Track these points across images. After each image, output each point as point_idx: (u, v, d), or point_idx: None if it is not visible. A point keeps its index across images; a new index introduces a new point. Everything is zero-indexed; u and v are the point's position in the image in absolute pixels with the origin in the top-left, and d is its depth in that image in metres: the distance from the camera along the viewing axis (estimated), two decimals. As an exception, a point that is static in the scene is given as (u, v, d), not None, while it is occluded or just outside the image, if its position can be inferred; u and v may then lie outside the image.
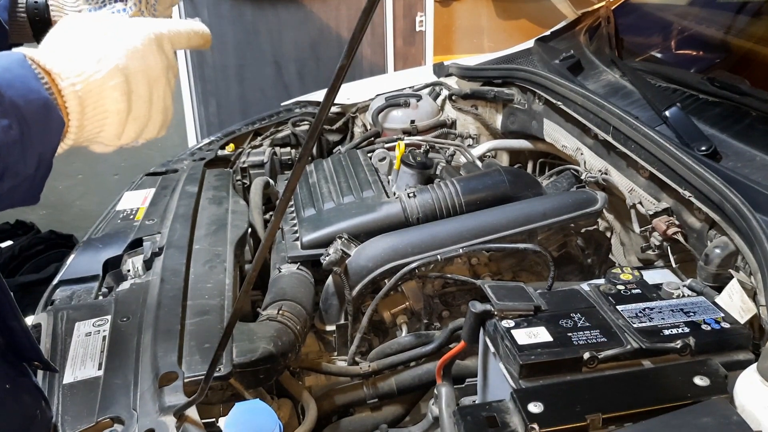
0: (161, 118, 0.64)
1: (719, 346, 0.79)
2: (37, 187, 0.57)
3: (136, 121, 0.62)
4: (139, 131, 0.63)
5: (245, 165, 1.70)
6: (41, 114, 0.54)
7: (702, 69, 1.52)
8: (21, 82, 0.53)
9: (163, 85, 0.63)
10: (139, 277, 1.17)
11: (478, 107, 1.81)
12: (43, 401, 0.77)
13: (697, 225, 1.06)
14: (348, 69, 0.50)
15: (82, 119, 0.57)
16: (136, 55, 0.60)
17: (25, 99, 0.52)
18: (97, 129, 0.59)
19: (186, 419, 0.81)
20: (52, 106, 0.54)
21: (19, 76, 0.53)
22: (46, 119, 0.54)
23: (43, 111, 0.54)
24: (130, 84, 0.59)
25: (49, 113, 0.54)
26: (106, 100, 0.58)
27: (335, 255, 1.17)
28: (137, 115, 0.61)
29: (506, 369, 0.79)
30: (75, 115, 0.56)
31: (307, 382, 1.11)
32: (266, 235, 0.61)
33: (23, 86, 0.53)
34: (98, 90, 0.57)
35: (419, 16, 3.46)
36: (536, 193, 1.35)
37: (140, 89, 0.61)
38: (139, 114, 0.61)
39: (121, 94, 0.59)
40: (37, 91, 0.53)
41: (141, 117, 0.62)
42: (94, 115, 0.58)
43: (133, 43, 0.60)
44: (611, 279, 0.93)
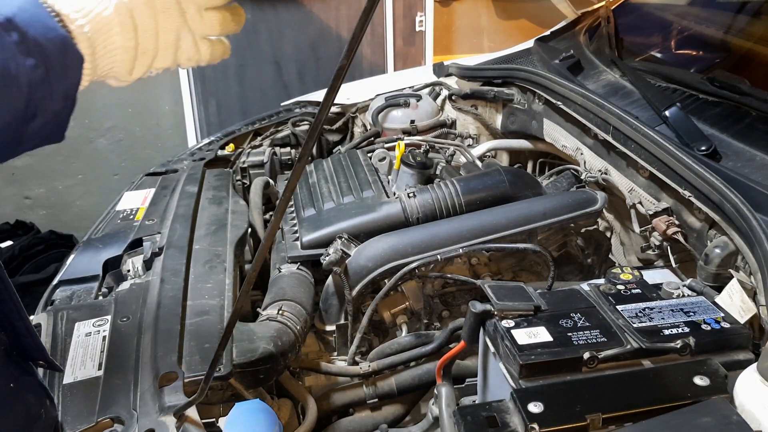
0: (172, 49, 0.64)
1: (719, 346, 0.79)
2: (63, 122, 0.59)
3: (145, 55, 0.62)
4: (149, 64, 0.64)
5: (245, 165, 1.70)
6: (62, 51, 0.55)
7: (702, 69, 1.52)
8: (39, 21, 0.54)
9: (171, 16, 0.63)
10: (139, 277, 1.17)
11: (478, 107, 1.81)
12: (48, 400, 0.77)
13: (697, 225, 1.06)
14: (348, 69, 0.50)
15: (94, 59, 0.58)
16: None
17: (46, 37, 0.54)
18: (109, 65, 0.60)
19: (186, 419, 0.81)
20: (70, 43, 0.56)
21: (36, 15, 0.54)
22: (67, 56, 0.56)
23: (63, 48, 0.55)
24: (135, 18, 0.60)
25: (68, 50, 0.56)
26: (114, 37, 0.59)
27: (335, 255, 1.17)
28: (145, 49, 0.62)
29: (506, 369, 0.79)
30: (87, 57, 0.58)
31: (307, 382, 1.11)
32: (266, 235, 0.61)
33: (41, 25, 0.54)
34: (106, 29, 0.58)
35: (419, 16, 3.46)
36: (536, 193, 1.35)
37: (146, 23, 0.61)
38: (147, 47, 0.62)
39: (128, 30, 0.60)
40: (55, 29, 0.55)
41: (149, 50, 0.62)
42: (104, 54, 0.59)
43: None
44: (611, 279, 0.93)
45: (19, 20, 0.52)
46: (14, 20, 0.52)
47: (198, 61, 0.68)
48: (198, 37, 0.66)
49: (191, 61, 0.67)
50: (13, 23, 0.52)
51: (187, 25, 0.65)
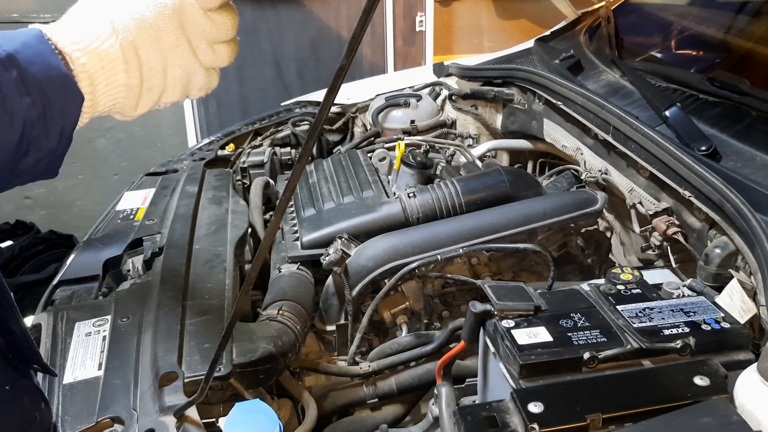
0: (181, 84, 0.64)
1: (719, 346, 0.79)
2: (57, 160, 0.58)
3: (151, 91, 0.62)
4: (155, 99, 0.63)
5: (245, 165, 1.70)
6: (62, 90, 0.55)
7: (702, 69, 1.52)
8: (41, 58, 0.54)
9: (182, 53, 0.62)
10: (139, 277, 1.17)
11: (478, 107, 1.81)
12: (44, 403, 0.77)
13: (697, 225, 1.06)
14: (348, 69, 0.50)
15: (94, 97, 0.58)
16: (146, 27, 0.60)
17: (46, 75, 0.53)
18: (111, 103, 0.60)
19: (186, 419, 0.81)
20: (71, 81, 0.55)
21: (39, 52, 0.54)
22: (66, 94, 0.55)
23: (63, 87, 0.55)
24: (141, 57, 0.59)
25: (68, 89, 0.55)
26: (117, 75, 0.58)
27: (335, 255, 1.17)
28: (151, 86, 0.61)
29: (506, 369, 0.79)
30: (87, 95, 0.57)
31: (307, 382, 1.11)
32: (266, 235, 0.61)
33: (43, 62, 0.54)
34: (109, 67, 0.58)
35: (419, 16, 3.46)
36: (536, 193, 1.35)
37: (152, 61, 0.60)
38: (153, 84, 0.62)
39: (133, 68, 0.59)
40: (57, 67, 0.55)
41: (156, 86, 0.62)
42: (106, 92, 0.59)
43: (142, 13, 0.60)
44: (611, 279, 0.93)
45: (21, 57, 0.52)
46: (16, 57, 0.52)
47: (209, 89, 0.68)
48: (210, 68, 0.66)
49: (202, 90, 0.67)
50: (14, 60, 0.52)
51: (198, 61, 0.64)
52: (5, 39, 0.53)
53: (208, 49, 0.65)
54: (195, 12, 0.63)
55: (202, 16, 0.64)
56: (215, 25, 0.65)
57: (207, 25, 0.64)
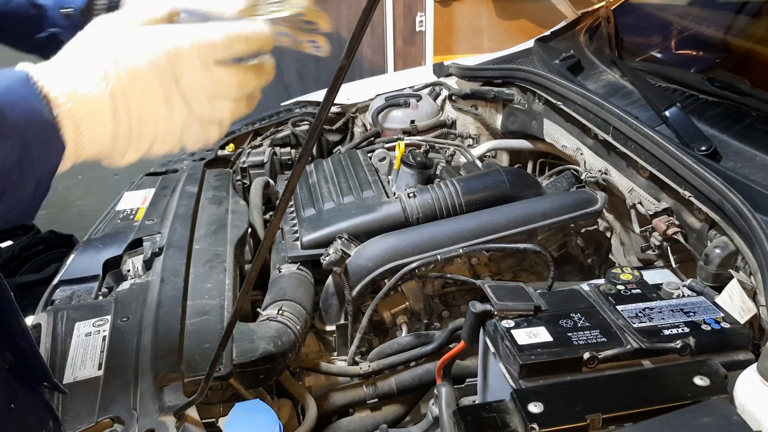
0: (173, 137, 0.61)
1: (719, 346, 0.79)
2: (33, 207, 0.56)
3: (140, 141, 0.59)
4: (145, 150, 0.60)
5: (245, 165, 1.70)
6: (43, 138, 0.52)
7: (702, 69, 1.52)
8: (24, 103, 0.51)
9: (174, 106, 0.59)
10: (139, 277, 1.17)
11: (478, 107, 1.81)
12: (52, 420, 0.76)
13: (697, 225, 1.06)
14: (348, 69, 0.50)
15: (78, 144, 0.55)
16: (137, 77, 0.57)
17: (28, 121, 0.51)
18: (96, 149, 0.58)
19: (186, 419, 0.81)
20: (54, 128, 0.53)
21: (23, 97, 0.51)
22: (47, 142, 0.53)
23: (44, 134, 0.52)
24: (130, 106, 0.57)
25: (50, 137, 0.53)
26: (105, 124, 0.56)
27: (335, 255, 1.17)
28: (140, 135, 0.59)
29: (506, 369, 0.79)
30: (71, 141, 0.55)
31: (307, 382, 1.11)
32: (266, 235, 0.61)
33: (26, 108, 0.51)
34: (96, 114, 0.55)
35: (419, 16, 3.46)
36: (536, 193, 1.35)
37: (143, 111, 0.58)
38: (143, 134, 0.59)
39: (122, 117, 0.57)
40: (40, 113, 0.52)
41: (145, 137, 0.59)
42: (91, 138, 0.56)
43: (135, 63, 0.57)
44: (611, 279, 0.93)
45: (2, 100, 0.50)
46: None
47: (207, 143, 0.64)
48: (208, 122, 0.62)
49: (198, 143, 0.64)
50: None
51: (192, 115, 0.61)
52: None
53: (205, 104, 0.62)
54: (192, 65, 0.60)
55: (200, 70, 0.60)
56: (215, 81, 0.61)
57: (205, 79, 0.61)
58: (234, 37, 0.62)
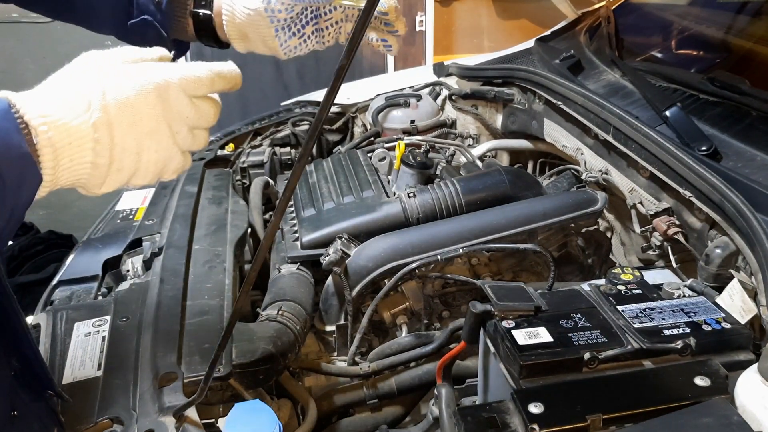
0: (155, 169, 0.62)
1: (720, 347, 0.79)
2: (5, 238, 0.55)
3: (120, 172, 0.59)
4: (125, 181, 0.61)
5: (245, 165, 1.70)
6: (18, 169, 0.52)
7: (702, 69, 1.52)
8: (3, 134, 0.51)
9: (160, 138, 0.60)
10: (138, 278, 1.17)
11: (478, 107, 1.81)
12: (57, 427, 0.76)
13: (698, 225, 1.06)
14: (348, 69, 0.50)
15: (56, 172, 0.55)
16: (126, 108, 0.57)
17: (5, 155, 0.50)
18: (74, 178, 0.57)
19: (185, 419, 0.81)
20: (31, 161, 0.52)
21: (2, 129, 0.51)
22: (23, 174, 0.52)
23: (20, 166, 0.52)
24: (114, 138, 0.57)
25: (26, 168, 0.52)
26: (85, 153, 0.56)
27: (335, 255, 1.17)
28: (121, 167, 0.59)
29: (506, 369, 0.78)
30: (48, 169, 0.54)
31: (307, 382, 1.11)
32: (266, 235, 0.61)
33: (3, 141, 0.51)
34: (78, 143, 0.55)
35: (419, 16, 3.46)
36: (536, 193, 1.35)
37: (126, 143, 0.58)
38: (124, 165, 0.59)
39: (104, 148, 0.56)
40: (18, 146, 0.51)
41: (126, 168, 0.59)
42: (70, 167, 0.56)
43: (125, 93, 0.58)
44: (612, 279, 0.93)
45: None
46: None
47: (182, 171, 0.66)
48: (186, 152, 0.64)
49: (176, 173, 0.65)
50: None
51: (176, 146, 0.62)
52: None
53: (188, 135, 0.63)
54: (180, 97, 0.61)
55: (186, 103, 0.62)
56: (198, 112, 0.63)
57: (191, 111, 0.62)
58: (216, 74, 0.65)
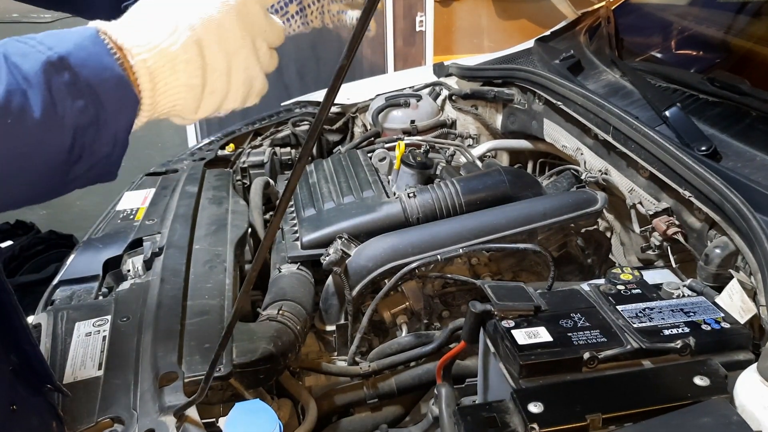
0: (244, 90, 0.62)
1: (719, 346, 0.79)
2: (113, 164, 0.56)
3: (213, 95, 0.59)
4: (217, 104, 0.61)
5: (245, 165, 1.70)
6: (116, 93, 0.52)
7: (702, 69, 1.52)
8: (95, 60, 0.51)
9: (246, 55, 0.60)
10: (139, 277, 1.17)
11: (478, 107, 1.81)
12: (56, 422, 0.76)
13: (697, 225, 1.06)
14: (348, 69, 0.50)
15: (154, 95, 0.56)
16: (212, 26, 0.57)
17: (100, 78, 0.51)
18: (170, 104, 0.57)
19: (186, 419, 0.81)
20: (127, 83, 0.53)
21: (93, 53, 0.52)
22: (121, 97, 0.53)
23: (117, 89, 0.52)
24: (205, 57, 0.57)
25: (123, 91, 0.53)
26: (179, 74, 0.56)
27: (335, 255, 1.17)
28: (214, 89, 0.59)
29: (506, 369, 0.79)
30: (147, 92, 0.55)
31: (307, 382, 1.11)
32: (266, 235, 0.61)
33: (98, 64, 0.51)
34: (170, 65, 0.55)
35: (419, 16, 3.46)
36: (536, 193, 1.35)
37: (217, 62, 0.58)
38: (216, 87, 0.59)
39: (195, 68, 0.56)
40: (111, 68, 0.52)
41: (218, 90, 0.59)
42: (165, 91, 0.56)
43: (208, 12, 0.57)
44: (611, 279, 0.93)
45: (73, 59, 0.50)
46: (68, 59, 0.50)
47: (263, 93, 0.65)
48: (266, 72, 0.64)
49: (259, 96, 0.65)
50: (65, 62, 0.50)
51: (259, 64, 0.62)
52: (58, 40, 0.51)
53: (267, 52, 0.63)
54: (258, 11, 0.61)
55: (264, 16, 0.61)
56: (273, 27, 0.63)
57: (268, 26, 0.62)
58: None
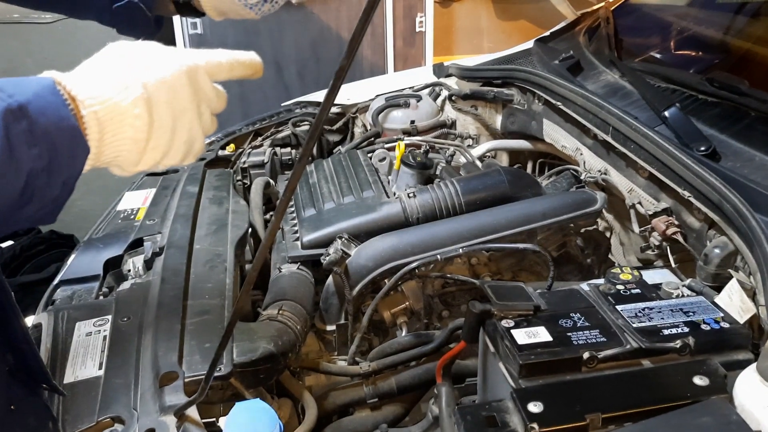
0: (185, 149, 0.65)
1: (718, 346, 0.79)
2: (57, 208, 0.58)
3: (155, 150, 0.62)
4: (158, 160, 0.63)
5: (245, 165, 1.70)
6: (69, 141, 0.55)
7: (701, 69, 1.52)
8: (52, 109, 0.54)
9: (191, 117, 0.63)
10: (139, 277, 1.17)
11: (477, 107, 1.82)
12: (51, 422, 0.77)
13: (697, 225, 1.07)
14: (348, 69, 0.50)
15: (100, 146, 0.58)
16: (163, 86, 0.60)
17: (56, 126, 0.53)
18: (114, 154, 0.60)
19: (186, 419, 0.81)
20: (79, 134, 0.55)
21: (51, 103, 0.54)
22: (73, 146, 0.55)
23: (71, 138, 0.55)
24: (153, 114, 0.60)
25: (76, 141, 0.55)
26: (126, 128, 0.58)
27: (335, 255, 1.17)
28: (157, 145, 0.62)
29: (506, 369, 0.79)
30: (94, 142, 0.57)
31: (307, 381, 1.11)
32: (266, 235, 0.61)
33: (54, 114, 0.54)
34: (120, 118, 0.58)
35: (419, 16, 3.46)
36: (536, 193, 1.35)
37: (163, 120, 0.61)
38: (159, 143, 0.62)
39: (143, 124, 0.59)
40: (67, 119, 0.54)
41: (161, 146, 0.62)
42: (112, 142, 0.59)
43: (161, 74, 0.61)
44: (611, 279, 0.93)
45: (32, 108, 0.52)
46: (27, 107, 0.52)
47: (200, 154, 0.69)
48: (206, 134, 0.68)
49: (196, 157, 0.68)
50: (25, 110, 0.52)
51: (201, 128, 0.66)
52: (17, 88, 0.53)
53: (209, 118, 0.67)
54: (206, 80, 0.65)
55: (211, 86, 0.66)
56: (218, 95, 0.67)
57: (213, 93, 0.66)
58: (235, 61, 0.68)
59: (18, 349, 0.71)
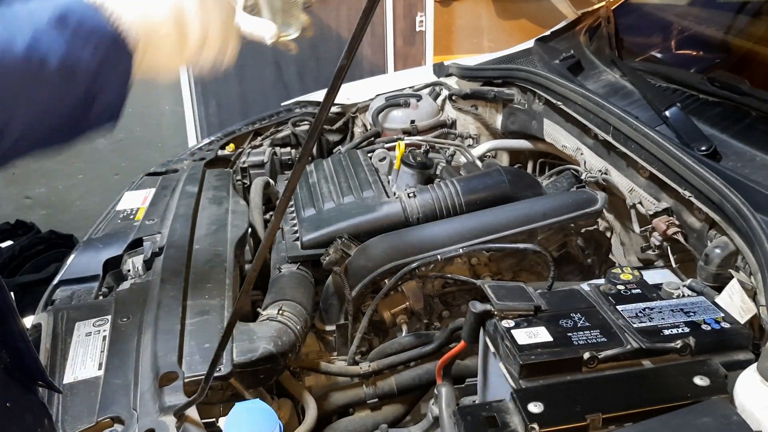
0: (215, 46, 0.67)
1: (719, 346, 0.79)
2: (117, 113, 0.62)
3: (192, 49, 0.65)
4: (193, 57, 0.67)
5: (245, 165, 1.70)
6: (114, 47, 0.59)
7: (702, 69, 1.52)
8: (93, 16, 0.58)
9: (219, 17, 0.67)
10: (139, 277, 1.17)
11: (478, 107, 1.81)
12: (47, 419, 0.77)
13: (697, 225, 1.06)
14: (348, 69, 0.50)
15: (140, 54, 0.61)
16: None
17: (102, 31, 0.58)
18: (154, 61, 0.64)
19: (186, 419, 0.81)
20: (119, 38, 0.59)
21: (90, 10, 0.58)
22: (118, 51, 0.59)
23: (114, 43, 0.59)
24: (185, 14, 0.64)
25: (119, 46, 0.59)
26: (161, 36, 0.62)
27: (335, 255, 1.17)
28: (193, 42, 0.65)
29: (506, 369, 0.79)
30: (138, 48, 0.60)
31: (307, 382, 1.11)
32: (266, 235, 0.61)
33: (93, 19, 0.57)
34: (154, 28, 0.62)
35: (419, 16, 3.46)
36: (536, 193, 1.35)
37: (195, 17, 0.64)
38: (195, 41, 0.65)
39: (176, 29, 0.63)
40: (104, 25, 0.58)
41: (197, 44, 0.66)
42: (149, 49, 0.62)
43: None
44: (611, 279, 0.93)
45: (71, 16, 0.56)
46: (68, 16, 0.56)
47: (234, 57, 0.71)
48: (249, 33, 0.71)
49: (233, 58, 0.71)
50: (66, 19, 0.56)
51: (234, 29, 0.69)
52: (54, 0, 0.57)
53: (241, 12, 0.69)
54: None
55: None
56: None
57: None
58: None
59: (14, 347, 0.71)
